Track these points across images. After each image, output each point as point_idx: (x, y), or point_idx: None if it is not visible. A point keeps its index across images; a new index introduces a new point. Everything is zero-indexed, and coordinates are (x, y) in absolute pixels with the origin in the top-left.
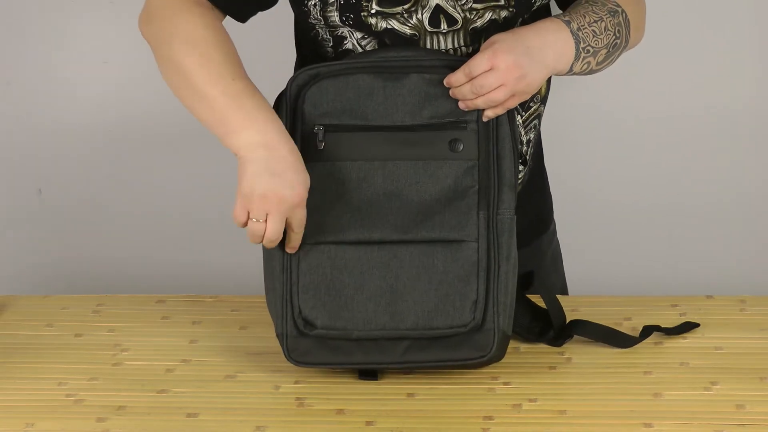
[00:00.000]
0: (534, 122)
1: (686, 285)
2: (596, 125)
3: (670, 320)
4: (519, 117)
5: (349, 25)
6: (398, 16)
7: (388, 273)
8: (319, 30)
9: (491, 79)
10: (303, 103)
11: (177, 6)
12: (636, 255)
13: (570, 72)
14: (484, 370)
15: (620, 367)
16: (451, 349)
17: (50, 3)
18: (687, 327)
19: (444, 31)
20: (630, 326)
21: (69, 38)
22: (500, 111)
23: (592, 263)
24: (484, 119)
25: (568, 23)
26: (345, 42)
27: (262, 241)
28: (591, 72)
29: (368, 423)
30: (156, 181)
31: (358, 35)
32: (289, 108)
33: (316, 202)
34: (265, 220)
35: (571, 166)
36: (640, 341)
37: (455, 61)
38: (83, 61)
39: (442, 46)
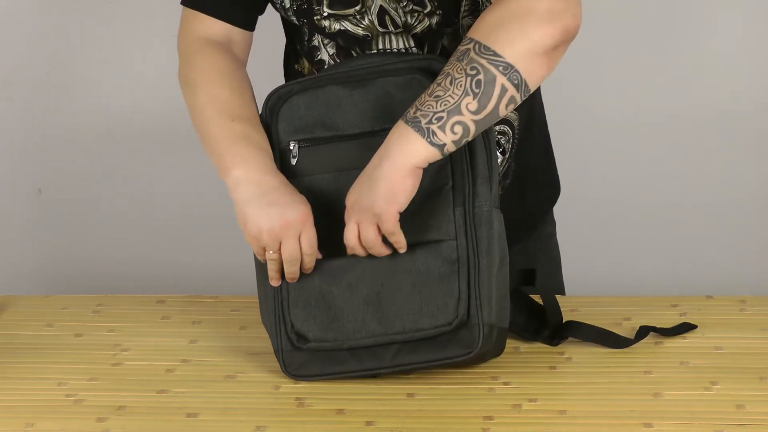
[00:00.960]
0: None
1: (686, 285)
2: (595, 126)
3: (671, 320)
4: None
5: (308, 28)
6: (350, 17)
7: (374, 281)
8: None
9: (366, 236)
10: (277, 123)
11: (192, 50)
12: (636, 255)
13: (447, 145)
14: (484, 370)
15: (620, 367)
16: (439, 348)
17: (50, 3)
18: (684, 328)
19: (394, 32)
20: (630, 326)
21: (69, 39)
22: (397, 236)
23: (592, 263)
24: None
25: (404, 116)
26: (313, 38)
27: (281, 275)
28: (493, 116)
29: (368, 423)
30: (156, 181)
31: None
32: (265, 129)
33: None
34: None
35: (570, 166)
36: (636, 342)
37: (421, 60)
38: (83, 62)
39: (394, 46)
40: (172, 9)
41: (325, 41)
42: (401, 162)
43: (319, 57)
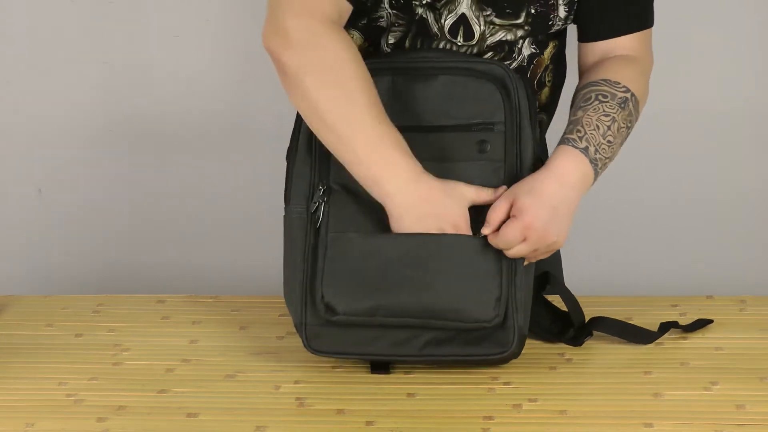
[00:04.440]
0: None
1: (686, 285)
2: None
3: (671, 320)
4: None
5: (396, 8)
6: (437, 11)
7: (412, 264)
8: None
9: (524, 248)
10: None
11: (319, 31)
12: (636, 255)
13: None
14: (484, 369)
15: (620, 367)
16: (473, 344)
17: (50, 2)
18: (701, 324)
19: (459, 43)
20: None
21: (69, 38)
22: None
23: (592, 263)
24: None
25: (586, 151)
26: (380, 20)
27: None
28: None
29: (368, 423)
30: (156, 182)
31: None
32: None
33: (343, 198)
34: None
35: None
36: (660, 336)
37: (482, 63)
38: (83, 61)
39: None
40: (173, 8)
41: (394, 26)
42: (578, 200)
43: (380, 41)
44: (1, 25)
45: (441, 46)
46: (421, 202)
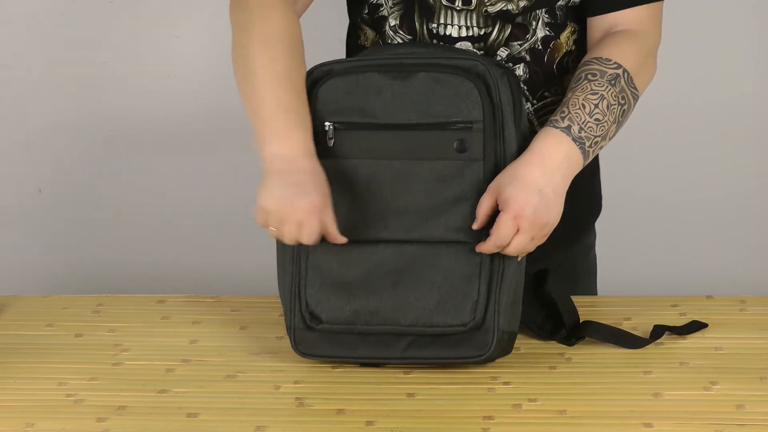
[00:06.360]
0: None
1: (686, 285)
2: None
3: (671, 320)
4: (530, 106)
5: None
6: None
7: (393, 271)
8: None
9: (518, 239)
10: (315, 100)
11: None
12: (636, 255)
13: (586, 163)
14: (484, 370)
15: (620, 367)
16: (451, 347)
17: (49, 3)
18: (695, 327)
19: (458, 8)
20: (630, 326)
21: (68, 38)
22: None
23: None
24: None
25: (568, 130)
26: (381, 9)
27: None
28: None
29: (368, 423)
30: (156, 182)
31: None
32: None
33: None
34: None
35: None
36: (651, 342)
37: (465, 60)
38: (83, 61)
39: (455, 22)
40: (173, 9)
41: (392, 8)
42: (568, 180)
43: (385, 28)
44: (1, 25)
45: (441, 17)
46: (296, 172)
